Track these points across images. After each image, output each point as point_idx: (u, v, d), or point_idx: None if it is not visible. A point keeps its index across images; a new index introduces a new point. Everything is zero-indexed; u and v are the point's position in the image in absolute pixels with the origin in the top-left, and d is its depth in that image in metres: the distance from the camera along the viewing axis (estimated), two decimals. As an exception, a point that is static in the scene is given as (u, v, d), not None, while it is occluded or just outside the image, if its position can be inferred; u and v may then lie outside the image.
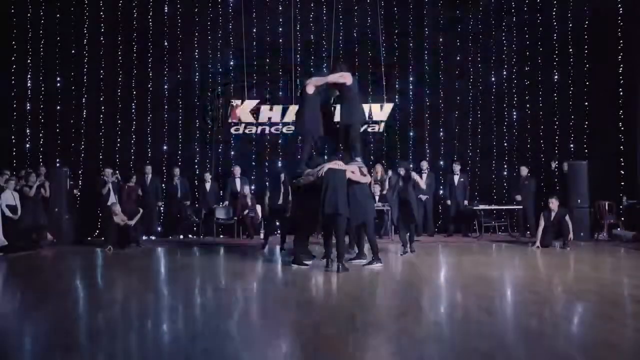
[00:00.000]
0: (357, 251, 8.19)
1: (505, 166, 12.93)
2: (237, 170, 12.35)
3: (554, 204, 9.85)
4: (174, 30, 13.13)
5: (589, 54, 12.78)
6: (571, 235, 9.70)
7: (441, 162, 13.14)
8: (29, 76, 12.98)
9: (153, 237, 12.05)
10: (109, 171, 11.73)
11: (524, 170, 11.88)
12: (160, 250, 10.23)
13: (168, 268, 8.23)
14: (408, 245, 8.97)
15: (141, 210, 10.81)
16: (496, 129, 13.18)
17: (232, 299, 5.58)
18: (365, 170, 7.69)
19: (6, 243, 9.44)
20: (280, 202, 9.77)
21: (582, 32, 12.86)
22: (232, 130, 13.09)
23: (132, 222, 10.38)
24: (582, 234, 10.88)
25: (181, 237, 12.20)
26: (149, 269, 8.14)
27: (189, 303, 5.39)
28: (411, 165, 9.74)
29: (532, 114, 13.07)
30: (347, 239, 7.95)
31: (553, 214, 9.80)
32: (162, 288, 6.47)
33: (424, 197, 12.09)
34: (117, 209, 10.41)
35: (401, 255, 8.86)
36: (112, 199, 11.36)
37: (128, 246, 10.21)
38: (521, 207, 11.78)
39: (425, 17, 13.16)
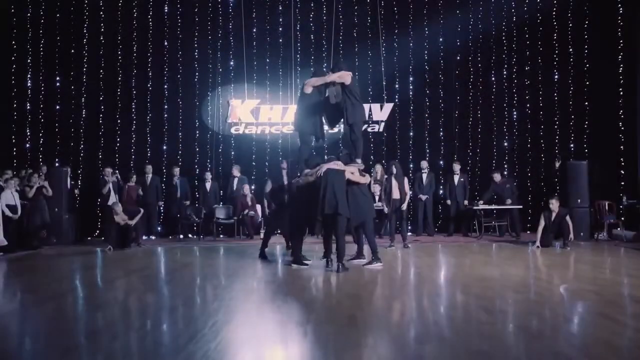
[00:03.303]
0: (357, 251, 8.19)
1: (506, 166, 12.92)
2: (236, 169, 12.35)
3: (554, 204, 9.84)
4: (174, 30, 13.14)
5: (589, 54, 12.81)
6: (572, 235, 9.70)
7: (441, 162, 13.14)
8: (29, 76, 12.99)
9: (153, 237, 12.06)
10: (109, 171, 11.74)
11: (498, 176, 11.88)
12: (160, 250, 10.23)
13: (168, 268, 8.23)
14: (403, 241, 9.76)
15: (142, 211, 10.82)
16: (496, 128, 13.19)
17: (231, 299, 5.57)
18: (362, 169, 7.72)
19: (6, 243, 9.44)
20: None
21: (582, 32, 12.88)
22: (232, 130, 13.10)
23: (133, 222, 10.39)
24: (582, 234, 10.89)
25: (181, 237, 12.21)
26: (149, 269, 8.14)
27: (188, 303, 5.39)
28: (393, 167, 9.90)
29: (532, 114, 13.09)
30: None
31: (554, 214, 9.80)
32: (162, 288, 6.47)
33: (423, 197, 12.13)
34: (119, 208, 10.41)
35: (386, 248, 9.37)
36: (113, 198, 11.36)
37: (128, 246, 10.22)
38: (519, 207, 11.84)
39: (425, 17, 13.18)
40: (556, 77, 13.03)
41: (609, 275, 6.99)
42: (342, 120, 7.91)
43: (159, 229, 12.54)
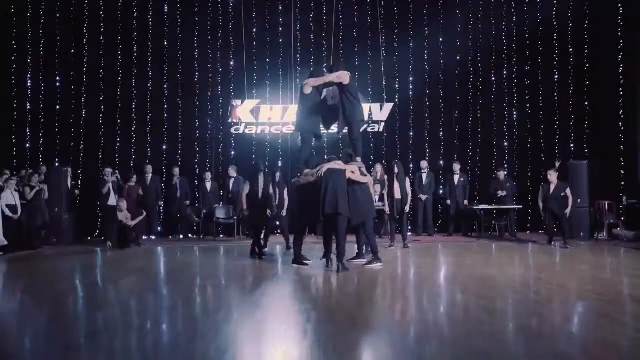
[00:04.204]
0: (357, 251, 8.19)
1: (506, 166, 12.91)
2: (232, 170, 12.27)
3: (552, 176, 9.85)
4: (174, 30, 13.14)
5: (589, 54, 12.81)
6: (568, 210, 9.78)
7: (441, 162, 13.15)
8: (29, 76, 13.00)
9: (153, 237, 12.06)
10: (109, 171, 11.73)
11: (502, 175, 11.90)
12: (160, 250, 10.23)
13: (168, 268, 8.23)
14: (403, 241, 9.80)
15: (145, 213, 10.83)
16: (496, 129, 13.20)
17: (231, 299, 5.58)
18: (364, 170, 7.71)
19: (6, 243, 9.44)
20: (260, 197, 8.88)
21: (582, 32, 12.88)
22: (232, 130, 13.11)
23: (133, 224, 10.38)
24: (582, 233, 10.91)
25: (181, 237, 12.21)
26: (149, 268, 8.14)
27: (188, 303, 5.39)
28: (395, 163, 9.90)
29: (532, 114, 13.10)
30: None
31: (552, 187, 9.80)
32: (162, 288, 6.47)
33: (423, 197, 12.13)
34: (124, 205, 10.43)
35: (386, 248, 9.35)
36: (113, 198, 11.35)
37: (128, 246, 10.22)
38: (518, 207, 11.87)
39: (425, 17, 13.18)
40: (556, 77, 13.04)
41: (609, 275, 6.99)
42: (337, 121, 7.93)
43: (159, 229, 12.54)
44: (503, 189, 11.73)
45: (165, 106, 13.11)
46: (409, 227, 11.12)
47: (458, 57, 13.16)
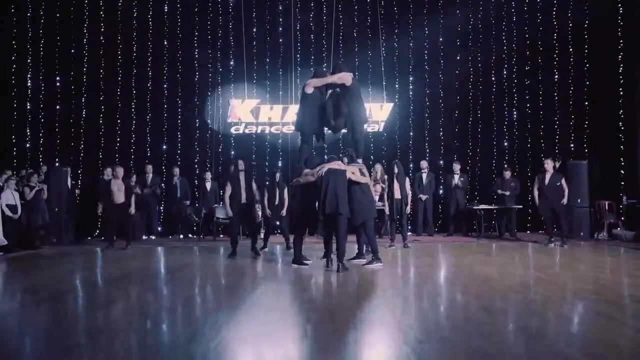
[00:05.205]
0: (357, 251, 8.19)
1: (506, 166, 12.92)
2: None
3: (548, 164, 9.84)
4: (174, 30, 13.14)
5: (589, 54, 12.82)
6: (565, 200, 9.82)
7: (441, 162, 13.15)
8: (29, 76, 13.00)
9: (153, 237, 12.06)
10: (109, 171, 11.73)
11: (508, 174, 11.93)
12: (160, 250, 10.23)
13: (168, 268, 8.23)
14: (403, 241, 9.80)
15: (134, 194, 10.60)
16: (496, 128, 13.20)
17: (231, 298, 5.57)
18: (365, 170, 7.71)
19: (6, 243, 9.44)
20: (245, 200, 8.89)
21: (582, 32, 12.89)
22: (232, 130, 13.11)
23: (132, 210, 10.32)
24: (582, 233, 10.91)
25: (181, 237, 12.21)
26: (149, 269, 8.13)
27: (188, 303, 5.39)
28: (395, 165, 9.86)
29: (532, 114, 13.10)
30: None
31: (547, 176, 9.79)
32: (162, 287, 6.47)
33: (424, 197, 12.13)
34: (120, 171, 10.37)
35: (386, 248, 9.38)
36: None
37: (128, 245, 10.22)
38: (518, 206, 11.87)
39: (425, 17, 13.19)
40: (556, 77, 13.05)
41: (609, 275, 6.99)
42: (344, 122, 7.91)
43: (159, 229, 12.54)
44: (506, 189, 11.75)
45: (165, 106, 13.12)
46: (409, 227, 11.12)
47: (458, 57, 13.18)
